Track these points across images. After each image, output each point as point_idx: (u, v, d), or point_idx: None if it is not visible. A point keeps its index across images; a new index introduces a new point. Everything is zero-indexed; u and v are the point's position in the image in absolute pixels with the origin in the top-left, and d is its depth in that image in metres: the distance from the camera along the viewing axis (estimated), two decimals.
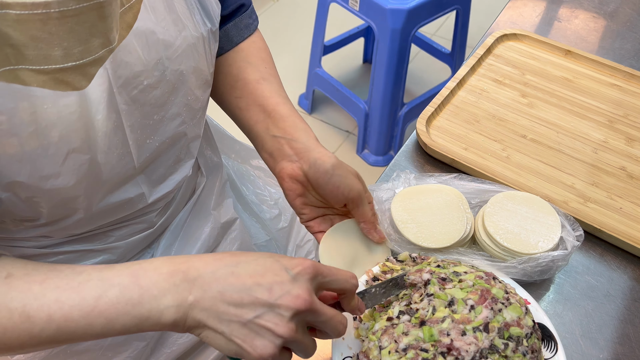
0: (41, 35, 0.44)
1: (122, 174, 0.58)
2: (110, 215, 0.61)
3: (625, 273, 0.72)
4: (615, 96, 0.94)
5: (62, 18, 0.44)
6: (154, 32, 0.54)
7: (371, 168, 2.06)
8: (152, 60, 0.55)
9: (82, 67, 0.48)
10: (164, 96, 0.58)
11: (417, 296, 0.58)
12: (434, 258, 0.65)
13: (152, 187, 0.64)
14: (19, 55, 0.44)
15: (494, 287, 0.57)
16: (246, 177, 0.90)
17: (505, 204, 0.72)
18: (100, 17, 0.47)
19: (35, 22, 0.43)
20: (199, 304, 0.48)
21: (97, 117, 0.51)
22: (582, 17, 1.15)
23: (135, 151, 0.57)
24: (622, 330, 0.66)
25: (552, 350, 0.61)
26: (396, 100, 1.93)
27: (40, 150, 0.48)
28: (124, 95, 0.53)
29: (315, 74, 2.13)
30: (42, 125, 0.47)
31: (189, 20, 0.59)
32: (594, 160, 0.84)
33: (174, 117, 0.61)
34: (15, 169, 0.48)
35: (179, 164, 0.67)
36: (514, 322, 0.55)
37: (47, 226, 0.57)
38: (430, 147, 0.84)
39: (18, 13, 0.42)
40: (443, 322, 0.54)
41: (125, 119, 0.54)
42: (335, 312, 0.51)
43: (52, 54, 0.45)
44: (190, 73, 0.60)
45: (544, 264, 0.66)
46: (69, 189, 0.52)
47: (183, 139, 0.65)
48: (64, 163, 0.50)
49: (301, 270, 0.49)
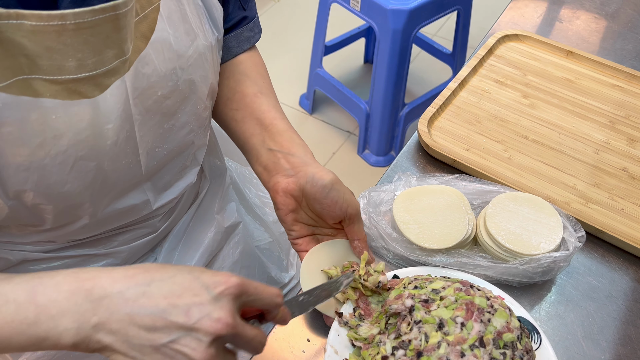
0: (56, 46, 0.44)
1: (129, 181, 0.58)
2: (115, 221, 0.62)
3: (627, 274, 0.72)
4: (617, 97, 0.94)
5: (77, 30, 0.44)
6: (170, 42, 0.54)
7: (372, 168, 2.06)
8: (166, 71, 0.55)
9: (96, 77, 0.48)
10: (175, 105, 0.58)
11: (405, 325, 0.57)
12: (407, 279, 0.63)
13: (158, 194, 0.64)
14: (32, 65, 0.44)
15: (476, 297, 0.57)
16: (249, 179, 0.90)
17: (507, 204, 0.71)
18: (115, 29, 0.47)
19: (51, 33, 0.43)
20: (104, 326, 0.43)
21: (107, 126, 0.51)
22: (583, 17, 1.15)
23: (144, 159, 0.57)
24: (624, 331, 0.66)
25: (536, 341, 0.61)
26: (397, 101, 1.93)
27: (48, 159, 0.48)
28: (139, 105, 0.53)
29: (316, 74, 2.13)
30: (50, 135, 0.47)
31: (200, 29, 0.59)
32: (596, 161, 0.84)
33: (183, 126, 0.61)
34: (22, 177, 0.48)
35: (184, 171, 0.67)
36: (505, 328, 0.55)
37: (51, 231, 0.57)
38: (431, 148, 0.84)
39: (34, 24, 0.42)
40: (439, 347, 0.53)
41: (138, 128, 0.54)
42: (256, 332, 0.47)
43: (66, 64, 0.45)
44: (200, 82, 0.60)
45: (545, 265, 0.66)
46: (75, 196, 0.53)
47: (190, 147, 0.65)
48: (71, 171, 0.50)
49: (224, 290, 0.44)
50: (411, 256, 0.69)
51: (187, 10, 0.57)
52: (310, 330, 0.66)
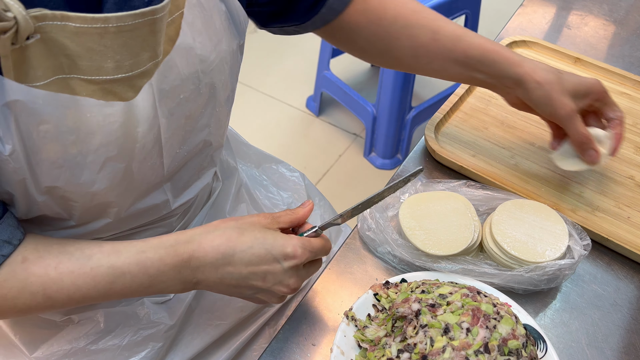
0: (96, 48, 0.45)
1: (152, 182, 0.59)
2: (135, 220, 0.63)
3: (632, 282, 0.72)
4: (625, 104, 0.94)
5: (118, 32, 0.46)
6: (193, 47, 0.55)
7: (378, 171, 2.06)
8: (189, 75, 0.56)
9: (131, 79, 0.49)
10: (197, 108, 0.59)
11: (411, 329, 0.57)
12: (414, 283, 0.64)
13: (177, 194, 0.66)
14: (72, 65, 0.45)
15: (482, 303, 0.58)
16: (259, 181, 0.90)
17: (513, 212, 0.72)
18: (151, 32, 0.48)
19: (93, 35, 0.45)
20: (202, 283, 0.57)
21: (138, 129, 0.52)
22: (591, 24, 1.15)
23: (167, 161, 0.59)
24: (629, 339, 0.66)
25: (542, 349, 0.61)
26: (404, 104, 1.93)
27: (80, 157, 0.50)
28: (163, 108, 0.54)
29: (323, 77, 2.13)
30: (83, 132, 0.49)
31: (223, 34, 0.60)
32: (602, 169, 0.84)
33: (203, 128, 0.62)
34: (55, 174, 0.50)
35: (202, 172, 0.69)
36: (510, 335, 0.55)
37: (74, 229, 0.59)
38: (438, 154, 0.84)
39: (78, 26, 0.44)
40: (444, 352, 0.54)
41: (164, 131, 0.56)
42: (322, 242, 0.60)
43: (104, 65, 0.47)
44: (220, 86, 0.62)
45: (550, 272, 0.66)
46: (103, 195, 0.54)
47: (208, 148, 0.66)
48: (100, 170, 0.52)
49: (293, 264, 0.57)
50: (417, 262, 0.69)
51: (211, 15, 0.58)
52: (315, 335, 0.66)
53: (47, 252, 0.53)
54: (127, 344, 0.69)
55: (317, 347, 0.65)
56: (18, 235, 0.53)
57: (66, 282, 0.53)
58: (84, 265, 0.53)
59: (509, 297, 0.66)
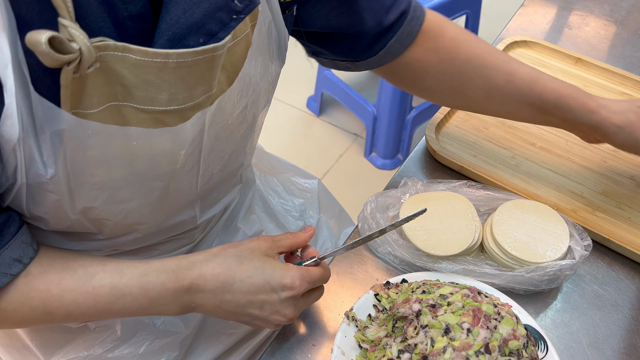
0: (153, 80, 0.45)
1: (185, 200, 0.60)
2: (162, 235, 0.64)
3: (633, 283, 0.72)
4: None
5: (177, 68, 0.46)
6: (250, 76, 0.55)
7: (378, 171, 2.06)
8: (242, 104, 0.56)
9: (183, 110, 0.49)
10: (239, 133, 0.60)
11: (412, 329, 0.57)
12: (415, 283, 0.64)
13: (204, 210, 0.66)
14: (127, 94, 0.45)
15: (483, 304, 0.57)
16: (273, 187, 0.90)
17: (514, 212, 0.72)
18: (209, 68, 0.48)
19: (152, 68, 0.45)
20: (200, 308, 0.58)
21: (181, 152, 0.52)
22: (592, 24, 1.15)
23: (202, 180, 0.59)
24: (629, 340, 0.66)
25: (542, 350, 0.61)
26: (405, 104, 1.93)
27: (121, 180, 0.50)
28: (210, 134, 0.54)
29: (324, 77, 2.13)
30: (128, 158, 0.49)
31: (273, 61, 0.60)
32: (603, 169, 0.84)
33: (242, 150, 0.63)
34: (93, 195, 0.50)
35: (230, 189, 0.70)
36: (511, 336, 0.55)
37: (101, 241, 0.59)
38: (439, 154, 0.84)
39: (138, 59, 0.43)
40: (445, 352, 0.54)
41: (205, 153, 0.56)
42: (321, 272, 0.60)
43: (158, 97, 0.47)
44: (260, 112, 0.62)
45: (551, 273, 0.66)
46: (136, 213, 0.55)
47: (240, 168, 0.67)
48: (139, 189, 0.52)
49: (290, 295, 0.57)
50: (417, 262, 0.69)
51: (268, 42, 0.57)
52: (315, 335, 0.66)
53: (50, 267, 0.53)
54: (143, 353, 0.69)
55: (318, 347, 0.65)
56: (30, 253, 0.52)
57: (67, 299, 0.53)
58: (86, 283, 0.53)
59: (509, 298, 0.65)
